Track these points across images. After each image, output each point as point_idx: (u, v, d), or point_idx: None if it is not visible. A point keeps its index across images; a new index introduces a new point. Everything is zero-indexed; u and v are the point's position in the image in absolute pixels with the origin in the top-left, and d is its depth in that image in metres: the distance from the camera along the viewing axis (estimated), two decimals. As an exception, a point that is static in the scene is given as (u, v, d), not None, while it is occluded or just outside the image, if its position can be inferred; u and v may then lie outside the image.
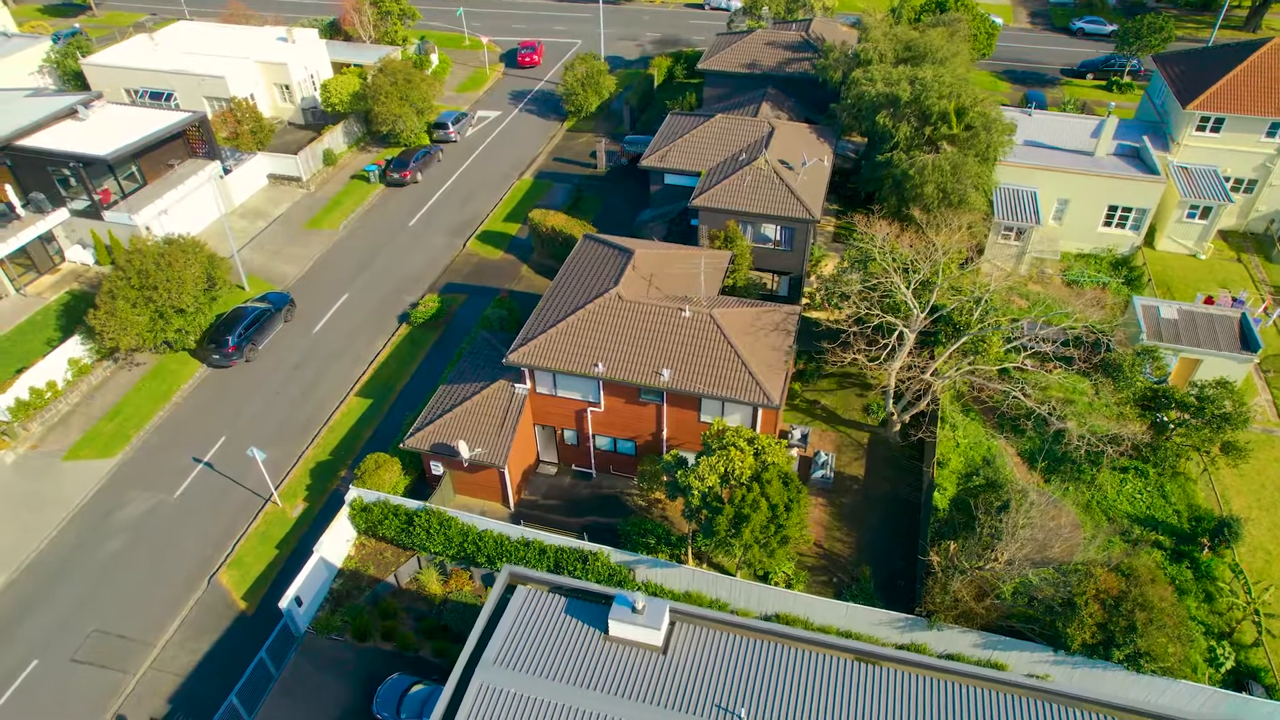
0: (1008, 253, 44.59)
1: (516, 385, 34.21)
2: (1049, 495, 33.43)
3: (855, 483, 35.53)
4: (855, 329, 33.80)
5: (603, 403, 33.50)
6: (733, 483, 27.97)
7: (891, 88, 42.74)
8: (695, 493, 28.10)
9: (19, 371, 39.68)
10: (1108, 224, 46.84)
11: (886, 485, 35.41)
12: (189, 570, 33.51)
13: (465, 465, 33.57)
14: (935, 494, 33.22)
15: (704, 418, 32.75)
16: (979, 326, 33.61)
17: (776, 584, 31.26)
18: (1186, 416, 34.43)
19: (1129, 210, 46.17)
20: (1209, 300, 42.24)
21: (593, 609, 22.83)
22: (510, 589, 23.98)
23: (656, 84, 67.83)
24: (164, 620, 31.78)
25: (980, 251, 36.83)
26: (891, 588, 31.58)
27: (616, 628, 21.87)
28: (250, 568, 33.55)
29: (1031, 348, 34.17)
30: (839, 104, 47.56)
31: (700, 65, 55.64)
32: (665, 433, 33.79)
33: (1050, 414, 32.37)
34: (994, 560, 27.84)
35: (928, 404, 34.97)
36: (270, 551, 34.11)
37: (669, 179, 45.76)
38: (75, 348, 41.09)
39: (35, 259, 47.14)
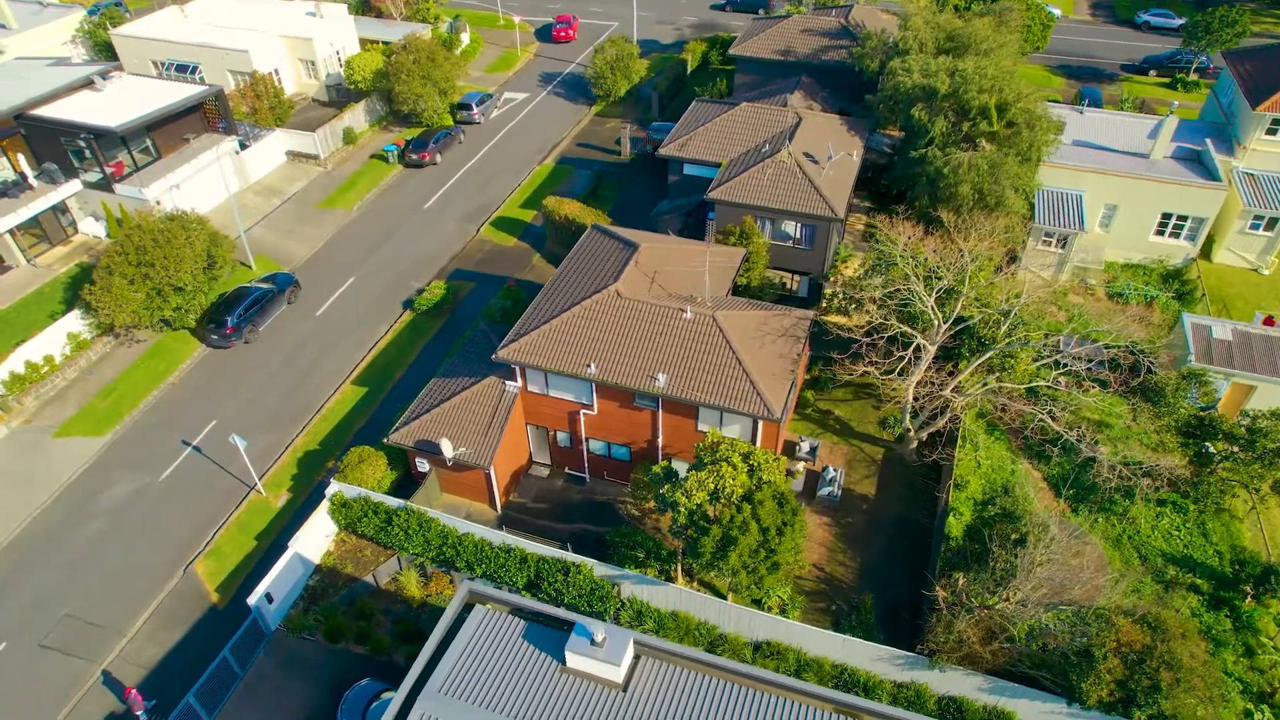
0: (1047, 260, 41.53)
1: (508, 383, 32.56)
2: (1074, 527, 30.74)
3: (864, 502, 33.21)
4: (868, 340, 31.33)
5: (596, 405, 31.68)
6: (723, 501, 25.97)
7: (929, 79, 39.90)
8: (682, 510, 26.18)
9: (18, 344, 39.18)
10: (1160, 233, 43.39)
11: (898, 506, 33.02)
12: (167, 557, 32.62)
13: (449, 465, 32.06)
14: (950, 518, 30.81)
15: (701, 427, 30.75)
16: (1006, 341, 30.95)
17: (770, 608, 29.23)
18: (1235, 449, 31.39)
19: (1184, 219, 42.68)
20: (1269, 320, 38.65)
21: (552, 636, 21.09)
22: (468, 607, 22.34)
23: (690, 69, 65.41)
24: (136, 608, 30.92)
25: (1012, 260, 34.00)
26: (895, 619, 29.30)
27: (574, 660, 20.11)
28: (227, 558, 32.55)
29: (1066, 365, 31.43)
30: (875, 95, 44.81)
31: (731, 51, 53.20)
32: (661, 440, 31.86)
33: (1079, 440, 29.63)
34: (1005, 600, 25.42)
35: (947, 422, 32.44)
36: (249, 542, 33.07)
37: (688, 169, 43.61)
38: (75, 322, 40.54)
39: (48, 230, 46.76)
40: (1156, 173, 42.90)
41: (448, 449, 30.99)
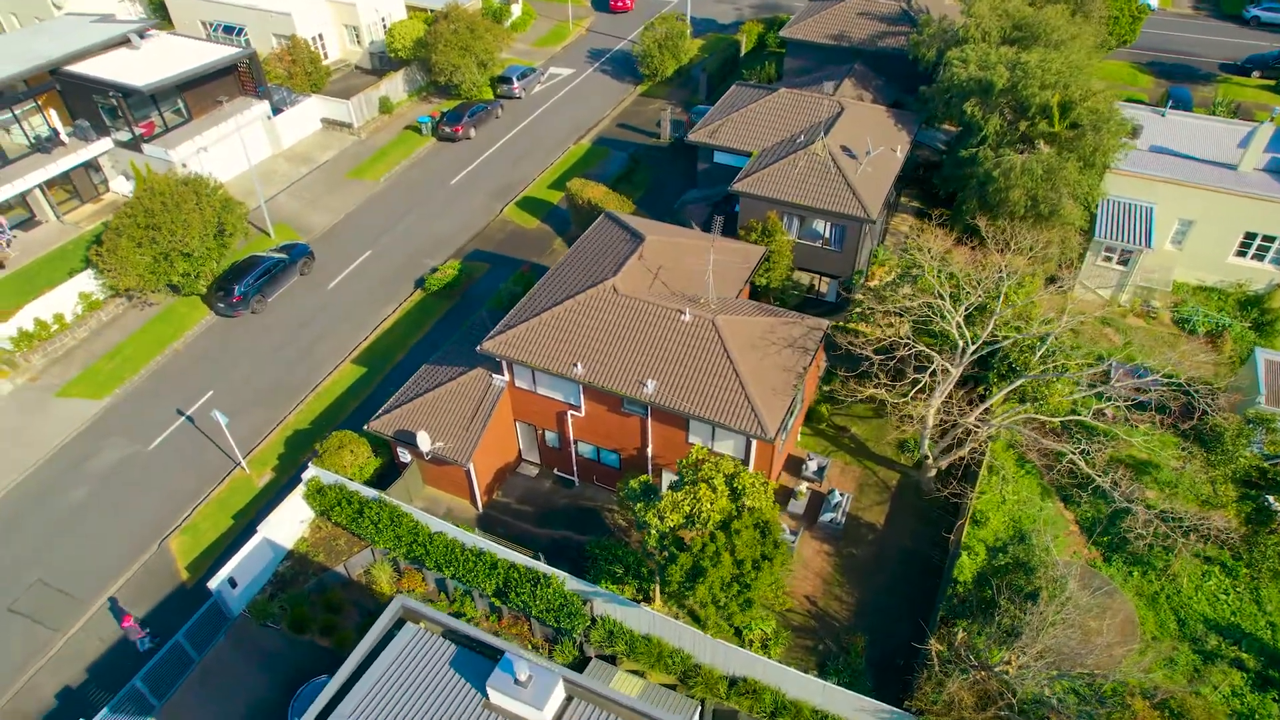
0: (1105, 279, 37.58)
1: (494, 376, 30.80)
2: (1103, 581, 27.59)
3: (871, 531, 30.48)
4: (879, 359, 28.42)
5: (583, 407, 29.66)
6: (698, 527, 23.72)
7: (986, 72, 36.28)
8: (653, 532, 24.04)
9: (30, 300, 39.10)
10: (1241, 254, 38.87)
11: (908, 540, 30.18)
12: (145, 530, 32.03)
13: (426, 458, 30.53)
14: (962, 557, 27.90)
15: (693, 439, 28.46)
16: (1040, 369, 27.71)
17: (752, 642, 26.91)
18: (1301, 508, 27.61)
19: (1271, 239, 38.14)
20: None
21: (481, 665, 19.30)
22: (400, 623, 20.72)
23: (744, 52, 62.23)
24: (107, 580, 30.40)
25: (1051, 280, 30.47)
26: (887, 667, 26.64)
27: (496, 697, 18.29)
28: (203, 535, 31.79)
29: (1107, 398, 28.02)
30: (930, 87, 41.25)
31: (782, 33, 50.00)
32: (650, 449, 29.69)
33: (1113, 487, 26.31)
34: (1005, 663, 22.58)
35: (969, 451, 29.36)
36: (226, 521, 32.25)
37: (718, 157, 40.99)
38: (88, 282, 40.38)
39: (79, 187, 46.93)
40: (1244, 186, 38.32)
41: (424, 442, 29.46)
